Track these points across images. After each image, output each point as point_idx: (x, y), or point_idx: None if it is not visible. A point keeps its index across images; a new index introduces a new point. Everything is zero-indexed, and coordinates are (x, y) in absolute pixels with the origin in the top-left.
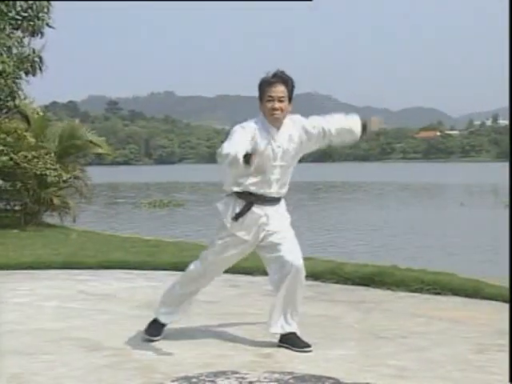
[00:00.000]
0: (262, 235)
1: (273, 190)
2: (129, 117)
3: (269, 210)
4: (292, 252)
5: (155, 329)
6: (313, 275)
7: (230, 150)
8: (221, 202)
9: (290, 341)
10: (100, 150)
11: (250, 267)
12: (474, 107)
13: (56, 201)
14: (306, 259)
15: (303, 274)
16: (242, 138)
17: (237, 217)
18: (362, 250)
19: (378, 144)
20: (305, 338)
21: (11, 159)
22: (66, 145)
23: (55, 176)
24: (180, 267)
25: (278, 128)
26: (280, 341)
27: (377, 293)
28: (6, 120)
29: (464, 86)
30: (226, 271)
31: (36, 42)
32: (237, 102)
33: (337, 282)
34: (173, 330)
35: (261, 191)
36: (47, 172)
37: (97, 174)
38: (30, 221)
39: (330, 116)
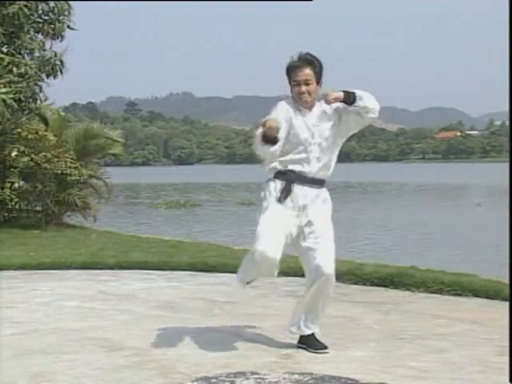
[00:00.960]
0: (304, 220)
1: (313, 169)
2: (148, 118)
3: (310, 192)
4: (326, 258)
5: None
6: None
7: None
8: (262, 191)
9: (308, 342)
10: (117, 150)
11: None
12: (495, 107)
13: (76, 201)
14: None
15: (332, 282)
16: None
17: (280, 198)
18: (379, 250)
19: (397, 144)
20: (324, 339)
21: (32, 160)
22: (85, 145)
23: (75, 174)
24: (199, 267)
25: (310, 109)
26: (299, 341)
27: (396, 294)
28: (27, 121)
29: (484, 86)
30: None
31: (57, 45)
32: (254, 103)
33: (356, 283)
34: (192, 330)
35: (300, 169)
36: (68, 171)
37: (115, 175)
38: (50, 221)
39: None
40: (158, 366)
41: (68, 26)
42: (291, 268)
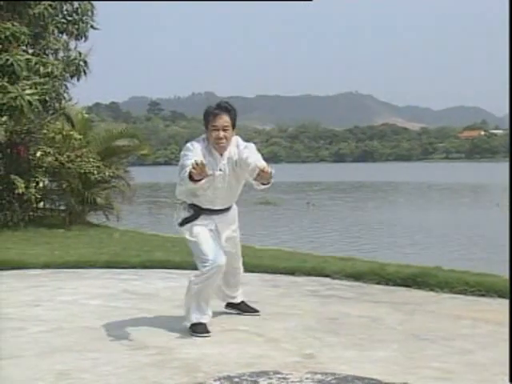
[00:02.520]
0: (220, 235)
1: (217, 206)
2: (170, 117)
3: (217, 218)
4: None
5: None
6: (354, 276)
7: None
8: (175, 212)
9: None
10: (142, 152)
11: (291, 267)
12: None
13: (100, 200)
14: (346, 260)
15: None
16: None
17: (182, 222)
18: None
19: (420, 144)
20: (347, 339)
21: (56, 159)
22: (108, 145)
23: (99, 174)
24: None
25: (221, 153)
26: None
27: (419, 294)
28: (52, 121)
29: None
30: (267, 271)
31: (81, 46)
32: (276, 102)
33: (378, 283)
34: (215, 329)
35: (207, 206)
36: (92, 170)
37: (138, 175)
38: (74, 221)
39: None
40: (181, 364)
41: (91, 26)
42: (314, 268)
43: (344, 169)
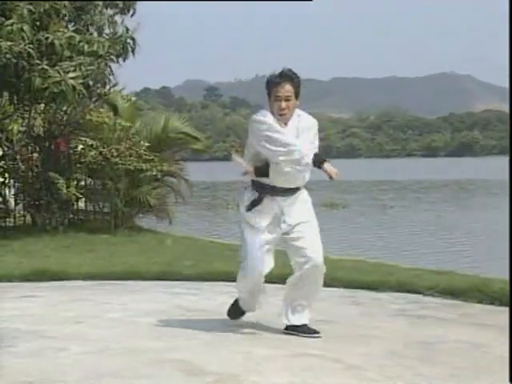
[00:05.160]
0: (283, 227)
1: (285, 183)
2: (230, 104)
3: (284, 201)
4: (314, 250)
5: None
6: (452, 293)
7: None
8: (239, 194)
9: (299, 328)
10: (196, 146)
11: (373, 281)
12: None
13: (150, 201)
14: (441, 273)
15: (322, 272)
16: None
17: (250, 207)
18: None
19: None
20: (442, 368)
21: (100, 153)
22: (159, 138)
23: (150, 170)
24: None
25: (286, 123)
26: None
27: None
28: (94, 109)
29: None
30: (345, 285)
31: (128, 21)
32: (355, 86)
33: (481, 302)
34: (285, 353)
35: (273, 183)
36: (141, 166)
37: (193, 172)
38: (120, 225)
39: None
40: None
41: None
42: (401, 282)
43: (436, 165)
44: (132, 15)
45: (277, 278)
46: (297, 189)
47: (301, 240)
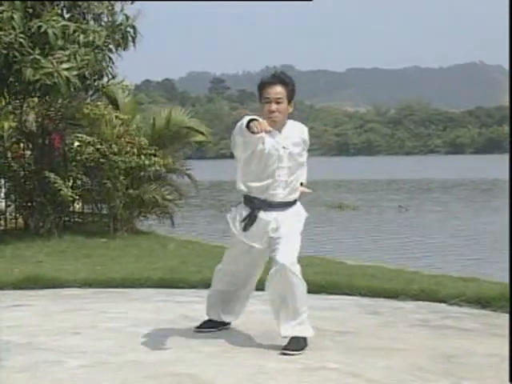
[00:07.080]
0: (270, 241)
1: (279, 194)
2: (237, 98)
3: (277, 215)
4: (284, 251)
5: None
6: (478, 301)
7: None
8: (230, 211)
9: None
10: (199, 138)
11: (394, 289)
12: None
13: (154, 201)
14: (467, 280)
15: (289, 272)
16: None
17: (245, 226)
18: None
19: None
20: (472, 382)
21: (98, 150)
22: (161, 133)
23: (153, 165)
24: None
25: (280, 130)
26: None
27: None
28: (91, 103)
29: None
30: (364, 295)
31: (128, 8)
32: (373, 77)
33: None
34: (298, 367)
35: (265, 196)
36: (142, 163)
37: (197, 170)
38: (120, 227)
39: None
40: None
41: None
42: (423, 290)
43: (462, 162)
44: (132, 2)
45: None
46: (291, 203)
47: (275, 251)
